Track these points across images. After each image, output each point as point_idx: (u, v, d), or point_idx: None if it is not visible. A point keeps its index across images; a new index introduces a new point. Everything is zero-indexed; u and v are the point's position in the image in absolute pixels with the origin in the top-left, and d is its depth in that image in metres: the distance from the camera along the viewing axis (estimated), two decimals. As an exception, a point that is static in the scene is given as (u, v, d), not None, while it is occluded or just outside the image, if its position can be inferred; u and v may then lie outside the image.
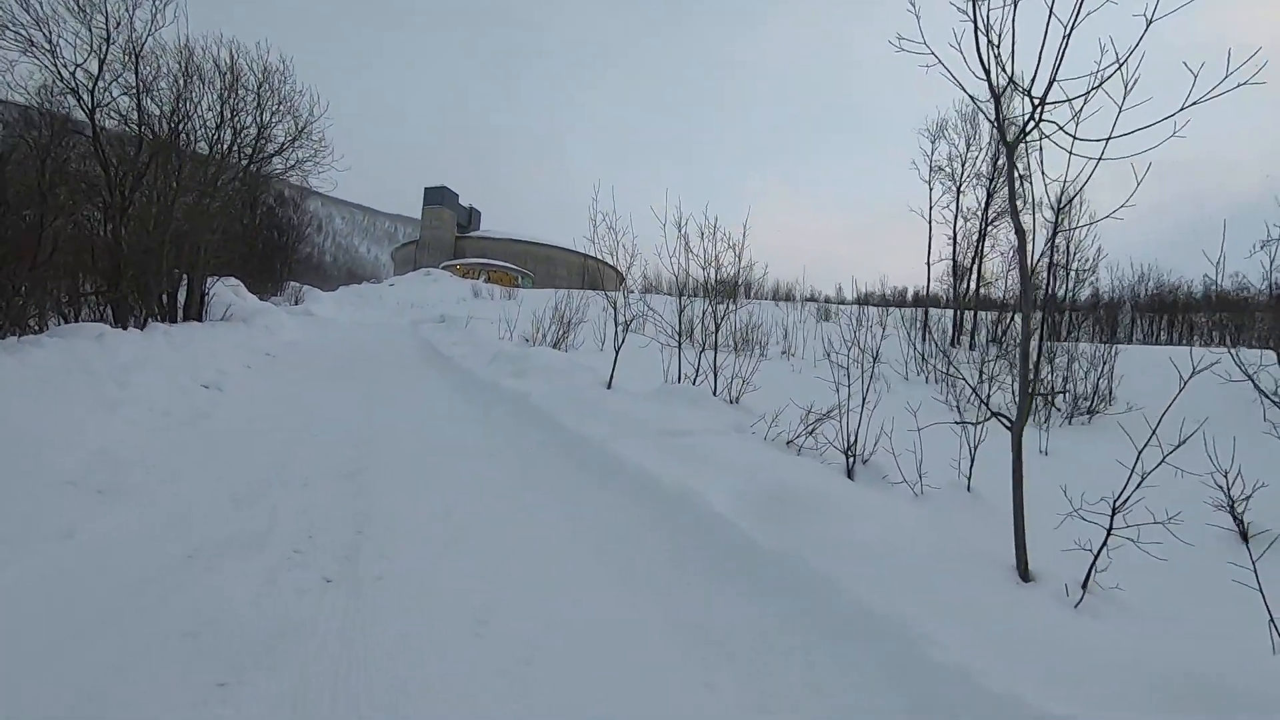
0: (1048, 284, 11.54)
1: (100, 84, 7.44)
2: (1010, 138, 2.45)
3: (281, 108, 9.24)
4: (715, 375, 5.14)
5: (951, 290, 11.53)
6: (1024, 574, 2.30)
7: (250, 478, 3.56)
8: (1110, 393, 5.95)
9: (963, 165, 11.42)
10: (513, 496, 3.57)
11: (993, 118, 2.52)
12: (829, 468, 3.57)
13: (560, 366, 6.37)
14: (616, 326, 5.68)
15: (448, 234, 50.10)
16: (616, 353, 5.56)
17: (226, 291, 12.04)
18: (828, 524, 2.65)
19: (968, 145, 11.42)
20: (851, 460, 3.61)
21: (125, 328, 6.96)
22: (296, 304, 20.79)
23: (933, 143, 11.97)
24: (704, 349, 5.54)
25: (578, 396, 5.19)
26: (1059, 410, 5.83)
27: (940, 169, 11.70)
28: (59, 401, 3.63)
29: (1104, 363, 5.97)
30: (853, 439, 3.64)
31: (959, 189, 11.50)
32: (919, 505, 3.09)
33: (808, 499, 2.85)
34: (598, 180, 6.15)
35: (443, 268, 41.15)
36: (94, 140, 7.43)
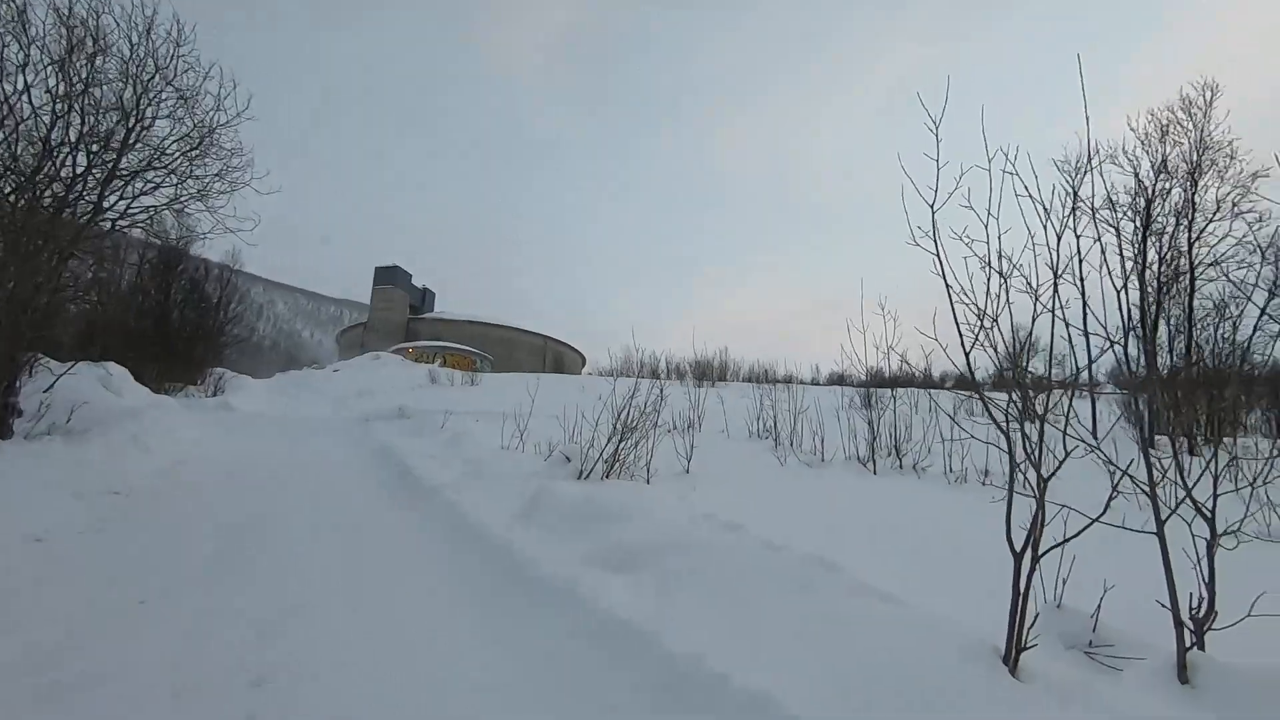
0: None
1: None
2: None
3: (170, 88, 5.68)
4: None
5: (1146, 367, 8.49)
6: None
7: None
8: None
9: (1148, 200, 8.63)
10: None
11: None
12: None
13: (751, 560, 2.68)
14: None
15: (399, 315, 46.42)
16: (1035, 560, 1.85)
17: (88, 384, 7.96)
18: None
19: (1156, 172, 8.68)
20: None
21: None
22: (214, 395, 16.37)
23: (1074, 178, 9.32)
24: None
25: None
26: None
27: (1112, 206, 8.84)
28: None
29: None
30: None
31: (1144, 229, 8.61)
32: None
33: None
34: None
35: (393, 351, 37.06)
36: None
